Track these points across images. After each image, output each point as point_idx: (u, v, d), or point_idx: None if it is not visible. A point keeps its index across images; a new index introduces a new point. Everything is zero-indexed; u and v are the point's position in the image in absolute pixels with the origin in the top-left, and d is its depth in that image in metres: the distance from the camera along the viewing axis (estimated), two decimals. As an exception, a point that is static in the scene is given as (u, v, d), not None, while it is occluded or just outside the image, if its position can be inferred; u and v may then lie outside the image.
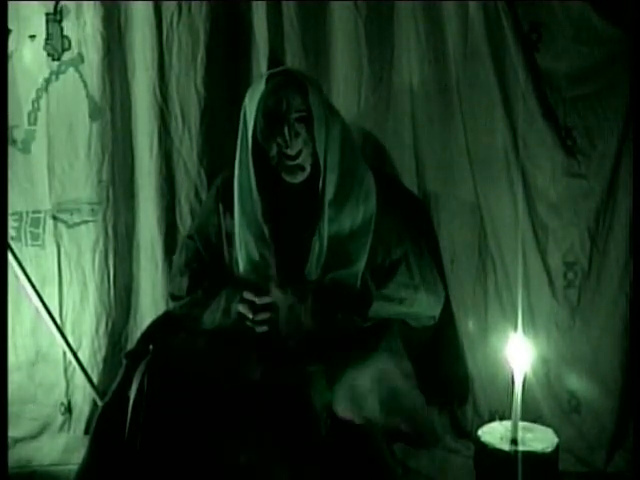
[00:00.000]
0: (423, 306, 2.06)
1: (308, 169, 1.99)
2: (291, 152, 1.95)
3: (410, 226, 2.14)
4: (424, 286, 2.05)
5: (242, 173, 2.01)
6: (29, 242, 2.52)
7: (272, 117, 1.95)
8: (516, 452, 1.77)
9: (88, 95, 2.42)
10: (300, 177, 1.99)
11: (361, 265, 1.99)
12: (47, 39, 2.41)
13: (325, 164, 1.96)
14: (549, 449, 1.79)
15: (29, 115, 2.46)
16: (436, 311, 2.12)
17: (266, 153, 1.98)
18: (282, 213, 2.03)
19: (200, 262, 2.10)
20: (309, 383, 1.76)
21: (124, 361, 1.96)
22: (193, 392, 1.77)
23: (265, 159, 1.99)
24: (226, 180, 2.10)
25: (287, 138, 1.94)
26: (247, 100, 2.01)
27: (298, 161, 1.97)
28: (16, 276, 2.36)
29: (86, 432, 2.43)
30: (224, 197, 2.10)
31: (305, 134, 1.96)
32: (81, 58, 2.41)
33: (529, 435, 1.83)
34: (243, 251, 2.01)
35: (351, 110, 2.29)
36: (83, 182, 2.45)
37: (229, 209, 2.05)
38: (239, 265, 2.01)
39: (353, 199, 2.01)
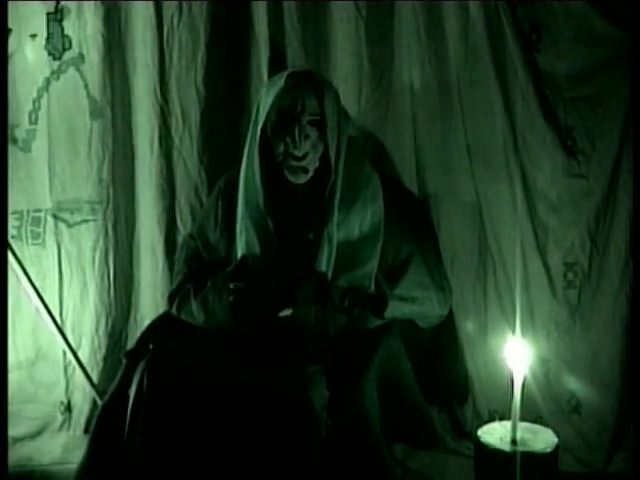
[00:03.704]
0: (433, 304, 2.06)
1: (311, 172, 1.98)
2: (298, 153, 1.95)
3: (415, 225, 2.14)
4: (433, 284, 2.05)
5: (249, 163, 2.01)
6: (30, 241, 2.53)
7: (285, 115, 1.94)
8: (516, 452, 1.77)
9: (89, 95, 2.42)
10: (302, 179, 1.99)
11: (373, 267, 1.98)
12: (48, 39, 2.42)
13: (336, 170, 1.96)
14: (549, 449, 1.79)
15: (30, 114, 2.47)
16: (445, 310, 2.12)
17: (273, 148, 1.98)
18: (285, 210, 2.03)
19: (199, 261, 2.10)
20: (309, 384, 1.76)
21: (124, 360, 1.96)
22: (192, 392, 1.78)
23: (271, 154, 1.99)
24: (229, 179, 2.10)
25: (296, 139, 1.93)
26: (264, 93, 2.00)
27: (303, 163, 1.96)
28: (16, 275, 2.36)
29: (86, 431, 2.44)
30: (225, 196, 2.10)
31: (315, 138, 1.95)
32: (82, 58, 2.41)
33: (529, 435, 1.83)
34: (243, 244, 2.01)
35: (351, 110, 2.28)
36: (84, 181, 2.45)
37: (231, 208, 2.06)
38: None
39: (360, 202, 2.00)
